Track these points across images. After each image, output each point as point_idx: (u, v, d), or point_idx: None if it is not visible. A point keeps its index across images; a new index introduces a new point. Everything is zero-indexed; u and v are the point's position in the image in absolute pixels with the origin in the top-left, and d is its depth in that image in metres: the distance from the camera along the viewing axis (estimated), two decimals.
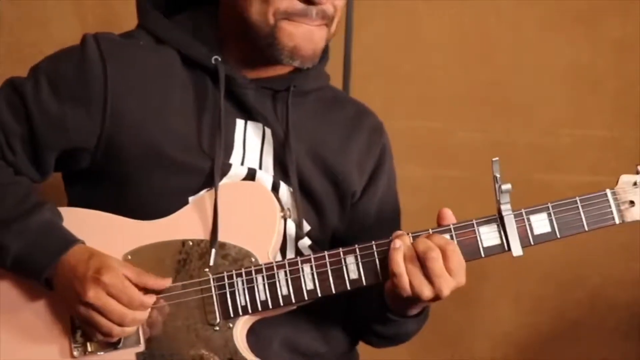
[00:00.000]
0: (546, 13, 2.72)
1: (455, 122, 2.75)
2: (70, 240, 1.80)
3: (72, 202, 1.92)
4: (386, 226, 1.92)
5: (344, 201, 1.95)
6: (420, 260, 1.73)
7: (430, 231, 1.78)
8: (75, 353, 1.81)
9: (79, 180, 1.91)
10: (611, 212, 1.79)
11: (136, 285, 1.77)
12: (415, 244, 1.74)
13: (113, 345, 1.80)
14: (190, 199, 1.84)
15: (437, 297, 1.74)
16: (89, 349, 1.80)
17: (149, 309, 1.78)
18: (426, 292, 1.73)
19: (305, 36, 1.81)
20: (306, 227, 1.91)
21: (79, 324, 1.80)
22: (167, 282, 1.79)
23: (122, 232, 1.83)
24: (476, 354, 2.77)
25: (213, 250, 1.80)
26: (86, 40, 1.85)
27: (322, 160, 1.92)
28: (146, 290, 1.78)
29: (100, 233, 1.83)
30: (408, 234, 1.77)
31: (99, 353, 1.80)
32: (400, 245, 1.75)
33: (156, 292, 1.79)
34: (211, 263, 1.80)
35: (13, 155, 1.85)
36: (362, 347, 2.06)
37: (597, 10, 2.71)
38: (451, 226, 1.78)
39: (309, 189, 1.91)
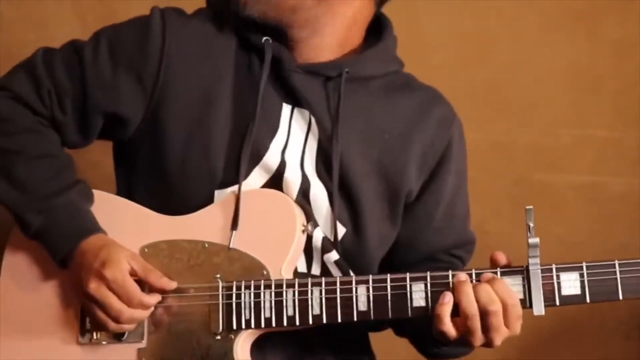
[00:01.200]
0: (546, 13, 2.72)
1: None
2: (89, 229, 1.80)
3: (119, 178, 1.92)
4: (452, 232, 1.88)
5: (394, 204, 1.86)
6: (480, 312, 1.66)
7: (473, 273, 1.70)
8: (81, 339, 1.82)
9: (124, 156, 1.90)
10: None
11: (141, 280, 1.77)
12: (477, 293, 1.66)
13: (118, 337, 1.80)
14: (216, 192, 1.81)
15: (487, 346, 1.70)
16: (95, 337, 1.81)
17: (151, 309, 1.78)
18: (477, 342, 1.69)
19: None
20: (341, 230, 1.83)
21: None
22: (172, 285, 1.78)
23: (144, 223, 1.83)
24: (476, 355, 2.76)
25: (233, 233, 1.77)
26: (153, 13, 1.86)
27: (375, 157, 1.84)
28: (150, 290, 1.78)
29: (124, 221, 1.84)
30: (471, 275, 1.69)
31: (103, 342, 1.81)
32: (449, 300, 1.67)
33: (162, 291, 1.78)
34: (231, 245, 1.77)
35: (63, 115, 1.85)
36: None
37: (597, 10, 2.71)
38: (473, 271, 1.71)
39: (351, 191, 1.83)
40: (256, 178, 1.83)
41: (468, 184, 1.97)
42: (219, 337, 1.78)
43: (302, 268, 1.84)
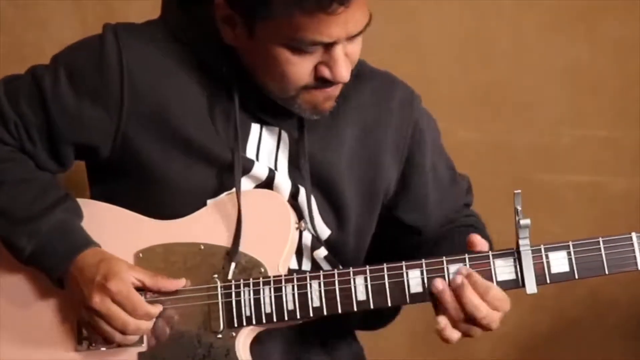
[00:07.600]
0: (546, 13, 2.72)
1: (455, 122, 2.74)
2: (81, 244, 1.79)
3: (94, 196, 1.90)
4: (451, 193, 1.94)
5: (373, 195, 1.90)
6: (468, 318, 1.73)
7: (466, 258, 1.75)
8: (79, 346, 1.82)
9: (100, 175, 1.89)
10: (634, 257, 1.74)
11: (150, 289, 1.77)
12: (464, 304, 1.72)
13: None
14: (209, 201, 1.82)
15: (489, 329, 1.74)
16: (93, 345, 1.81)
17: (154, 319, 1.78)
18: (477, 333, 1.75)
19: (325, 98, 1.79)
20: (326, 232, 1.88)
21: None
22: (181, 283, 1.79)
23: (137, 229, 1.83)
24: (476, 354, 2.77)
25: (233, 264, 1.79)
26: (105, 32, 1.83)
27: (348, 154, 1.87)
28: (155, 299, 1.78)
29: (116, 228, 1.83)
30: (464, 261, 1.74)
31: (102, 348, 1.81)
32: (462, 280, 1.72)
33: (166, 296, 1.79)
34: (230, 277, 1.78)
35: (33, 146, 1.84)
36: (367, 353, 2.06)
37: (597, 10, 2.71)
38: (466, 256, 1.74)
39: (332, 194, 1.87)
40: (246, 186, 1.84)
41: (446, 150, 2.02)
42: (220, 336, 1.78)
43: (294, 266, 1.87)
